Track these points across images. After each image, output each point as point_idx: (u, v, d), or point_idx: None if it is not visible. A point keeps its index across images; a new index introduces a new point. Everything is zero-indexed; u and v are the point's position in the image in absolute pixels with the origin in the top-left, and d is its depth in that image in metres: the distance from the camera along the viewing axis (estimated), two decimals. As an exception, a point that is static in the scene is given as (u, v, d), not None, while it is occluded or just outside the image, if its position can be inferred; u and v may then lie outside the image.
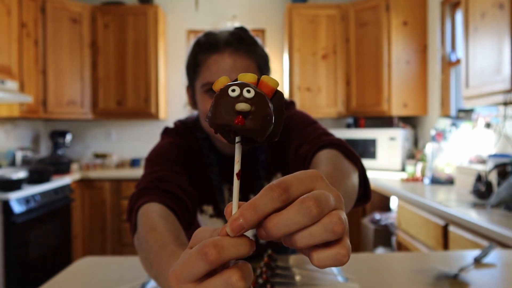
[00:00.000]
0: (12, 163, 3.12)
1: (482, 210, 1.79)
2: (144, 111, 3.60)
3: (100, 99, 3.60)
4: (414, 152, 3.25)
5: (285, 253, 1.06)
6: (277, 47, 3.93)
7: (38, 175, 2.75)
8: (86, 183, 3.32)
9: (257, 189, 0.98)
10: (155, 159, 0.89)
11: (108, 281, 0.87)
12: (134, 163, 3.81)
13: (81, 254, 3.20)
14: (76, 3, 3.47)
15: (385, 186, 2.64)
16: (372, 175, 3.01)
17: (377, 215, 2.92)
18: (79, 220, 3.27)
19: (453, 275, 0.86)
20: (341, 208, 0.33)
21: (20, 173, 2.54)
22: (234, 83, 0.33)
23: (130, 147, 3.94)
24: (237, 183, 0.33)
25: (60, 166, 3.22)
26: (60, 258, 2.90)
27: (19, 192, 2.40)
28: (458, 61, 2.93)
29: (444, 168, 2.59)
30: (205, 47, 0.89)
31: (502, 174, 1.96)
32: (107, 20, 3.58)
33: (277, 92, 0.34)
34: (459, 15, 2.90)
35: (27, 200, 2.46)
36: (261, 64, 0.93)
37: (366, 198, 0.79)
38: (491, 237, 1.52)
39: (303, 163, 0.82)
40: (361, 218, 3.12)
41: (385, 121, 3.66)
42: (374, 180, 2.82)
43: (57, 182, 2.85)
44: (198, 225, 1.01)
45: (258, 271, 0.77)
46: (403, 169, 3.19)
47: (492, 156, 2.09)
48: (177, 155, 0.92)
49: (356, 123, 3.68)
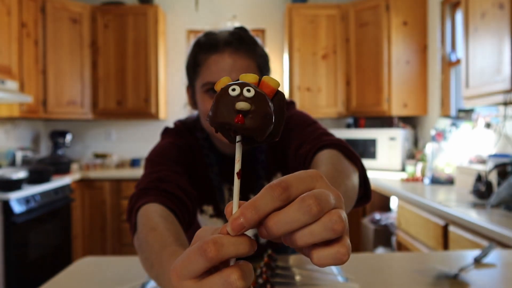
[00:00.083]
0: (12, 163, 3.12)
1: (482, 210, 1.79)
2: (144, 111, 3.60)
3: (100, 99, 3.60)
4: (414, 152, 3.25)
5: (285, 253, 1.06)
6: (277, 47, 3.93)
7: (38, 175, 2.75)
8: (86, 183, 3.32)
9: (257, 189, 0.98)
10: (155, 159, 0.89)
11: (108, 281, 0.87)
12: (134, 163, 3.81)
13: (81, 254, 3.20)
14: (76, 3, 3.47)
15: (385, 186, 2.64)
16: (372, 175, 3.01)
17: (377, 215, 2.92)
18: (79, 220, 3.27)
19: (453, 275, 0.86)
20: (341, 207, 0.33)
21: (20, 173, 2.54)
22: (235, 83, 0.33)
23: (130, 147, 3.94)
24: (238, 182, 0.33)
25: (60, 166, 3.23)
26: (60, 258, 2.90)
27: (19, 192, 2.40)
28: (458, 61, 2.93)
29: (444, 168, 2.59)
30: (205, 47, 0.89)
31: (502, 174, 1.96)
32: (107, 20, 3.58)
33: (278, 93, 0.35)
34: (459, 15, 2.90)
35: (27, 200, 2.46)
36: (261, 64, 0.93)
37: (367, 198, 0.79)
38: (491, 237, 1.52)
39: (303, 163, 0.82)
40: (361, 218, 3.12)
41: (385, 121, 3.66)
42: (374, 180, 2.82)
43: (57, 182, 2.85)
44: (198, 225, 1.01)
45: (258, 271, 0.77)
46: (403, 169, 3.19)
47: (492, 156, 2.09)
48: (177, 155, 0.92)
49: (356, 123, 3.68)
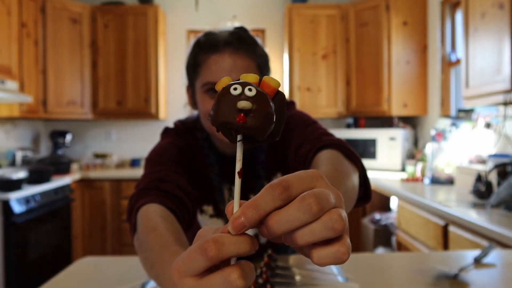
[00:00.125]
0: (12, 163, 3.12)
1: (482, 210, 1.79)
2: (144, 111, 3.60)
3: (100, 99, 3.60)
4: (414, 152, 3.25)
5: (285, 253, 1.06)
6: (277, 47, 3.93)
7: (38, 175, 2.75)
8: (86, 183, 3.32)
9: (257, 189, 0.98)
10: (155, 159, 0.89)
11: (108, 281, 0.87)
12: (134, 163, 3.81)
13: (81, 254, 3.20)
14: (76, 3, 3.47)
15: (385, 186, 2.64)
16: (372, 175, 3.01)
17: (377, 215, 2.92)
18: (79, 220, 3.27)
19: (453, 275, 0.86)
20: (341, 207, 0.33)
21: (20, 173, 2.54)
22: (236, 82, 0.33)
23: (130, 147, 3.94)
24: (239, 182, 0.33)
25: (60, 166, 3.23)
26: (60, 258, 2.90)
27: (19, 192, 2.40)
28: (458, 61, 2.93)
29: (444, 168, 2.59)
30: (205, 47, 0.89)
31: (502, 174, 1.96)
32: (107, 20, 3.58)
33: (279, 93, 0.35)
34: (459, 15, 2.90)
35: (27, 200, 2.46)
36: (261, 64, 0.93)
37: (367, 198, 0.79)
38: (491, 237, 1.52)
39: (303, 163, 0.82)
40: (361, 218, 3.12)
41: (385, 121, 3.66)
42: (374, 180, 2.82)
43: (57, 182, 2.85)
44: (198, 226, 1.01)
45: (258, 271, 0.77)
46: (403, 169, 3.19)
47: (492, 156, 2.09)
48: (177, 155, 0.92)
49: (356, 123, 3.68)
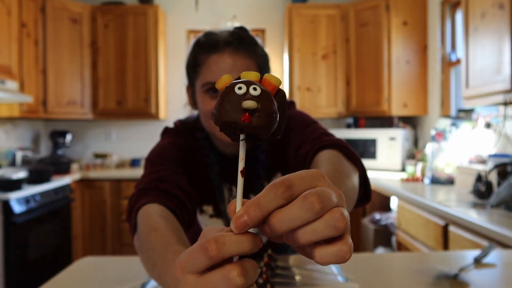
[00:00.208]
0: (12, 163, 3.12)
1: (482, 210, 1.79)
2: (144, 111, 3.60)
3: (100, 99, 3.60)
4: (414, 152, 3.25)
5: (285, 253, 1.06)
6: (277, 47, 3.93)
7: (38, 175, 2.75)
8: (86, 183, 3.32)
9: (257, 189, 0.98)
10: (155, 159, 0.89)
11: (108, 281, 0.87)
12: (134, 163, 3.81)
13: (81, 254, 3.20)
14: (76, 3, 3.47)
15: (385, 186, 2.64)
16: (372, 175, 3.01)
17: (377, 215, 2.92)
18: (79, 220, 3.27)
19: (453, 275, 0.86)
20: (343, 206, 0.33)
21: (20, 173, 2.54)
22: (240, 81, 0.33)
23: (130, 147, 3.94)
24: (241, 181, 0.33)
25: (60, 166, 3.23)
26: (60, 258, 2.90)
27: (19, 192, 2.40)
28: (458, 61, 2.93)
29: (444, 168, 2.59)
30: (205, 47, 0.89)
31: (502, 174, 1.96)
32: (107, 20, 3.58)
33: (280, 90, 0.35)
34: (459, 15, 2.90)
35: (27, 200, 2.46)
36: (261, 64, 0.93)
37: (367, 199, 0.79)
38: (491, 237, 1.52)
39: (303, 163, 0.82)
40: (361, 218, 3.12)
41: (385, 121, 3.66)
42: (374, 180, 2.82)
43: (57, 182, 2.85)
44: (198, 226, 1.01)
45: (258, 271, 0.77)
46: (403, 169, 3.19)
47: (492, 156, 2.09)
48: (177, 155, 0.92)
49: (356, 123, 3.68)
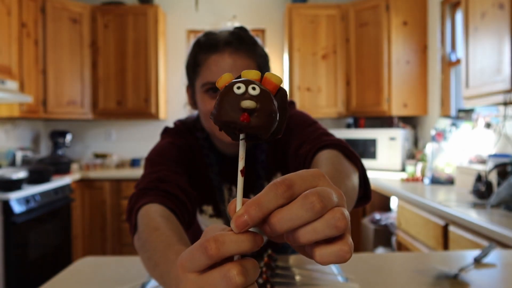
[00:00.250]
0: (12, 163, 3.12)
1: (482, 210, 1.79)
2: (144, 111, 3.60)
3: (100, 99, 3.60)
4: (414, 152, 3.25)
5: (285, 253, 1.06)
6: (277, 47, 3.93)
7: (38, 175, 2.75)
8: (86, 183, 3.32)
9: (257, 189, 0.98)
10: (155, 159, 0.89)
11: (108, 281, 0.87)
12: (134, 163, 3.81)
13: (81, 254, 3.20)
14: (76, 3, 3.47)
15: (385, 186, 2.64)
16: (372, 175, 3.01)
17: (377, 215, 2.92)
18: (79, 220, 3.27)
19: (453, 275, 0.86)
20: (344, 205, 0.33)
21: (20, 173, 2.54)
22: (239, 80, 0.32)
23: (130, 147, 3.94)
24: (241, 180, 0.33)
25: (60, 166, 3.22)
26: (60, 258, 2.90)
27: (19, 192, 2.40)
28: (458, 61, 2.93)
29: (444, 168, 2.59)
30: (205, 47, 0.89)
31: (502, 174, 1.96)
32: (107, 20, 3.58)
33: (281, 89, 0.34)
34: (459, 15, 2.90)
35: (27, 200, 2.46)
36: (261, 64, 0.93)
37: (367, 199, 0.79)
38: (491, 237, 1.52)
39: (303, 163, 0.82)
40: (361, 218, 3.12)
41: (385, 121, 3.66)
42: (374, 180, 2.82)
43: (57, 182, 2.85)
44: (198, 226, 1.01)
45: (259, 271, 0.77)
46: (403, 169, 3.19)
47: (492, 156, 2.09)
48: (177, 155, 0.92)
49: (356, 123, 3.68)
